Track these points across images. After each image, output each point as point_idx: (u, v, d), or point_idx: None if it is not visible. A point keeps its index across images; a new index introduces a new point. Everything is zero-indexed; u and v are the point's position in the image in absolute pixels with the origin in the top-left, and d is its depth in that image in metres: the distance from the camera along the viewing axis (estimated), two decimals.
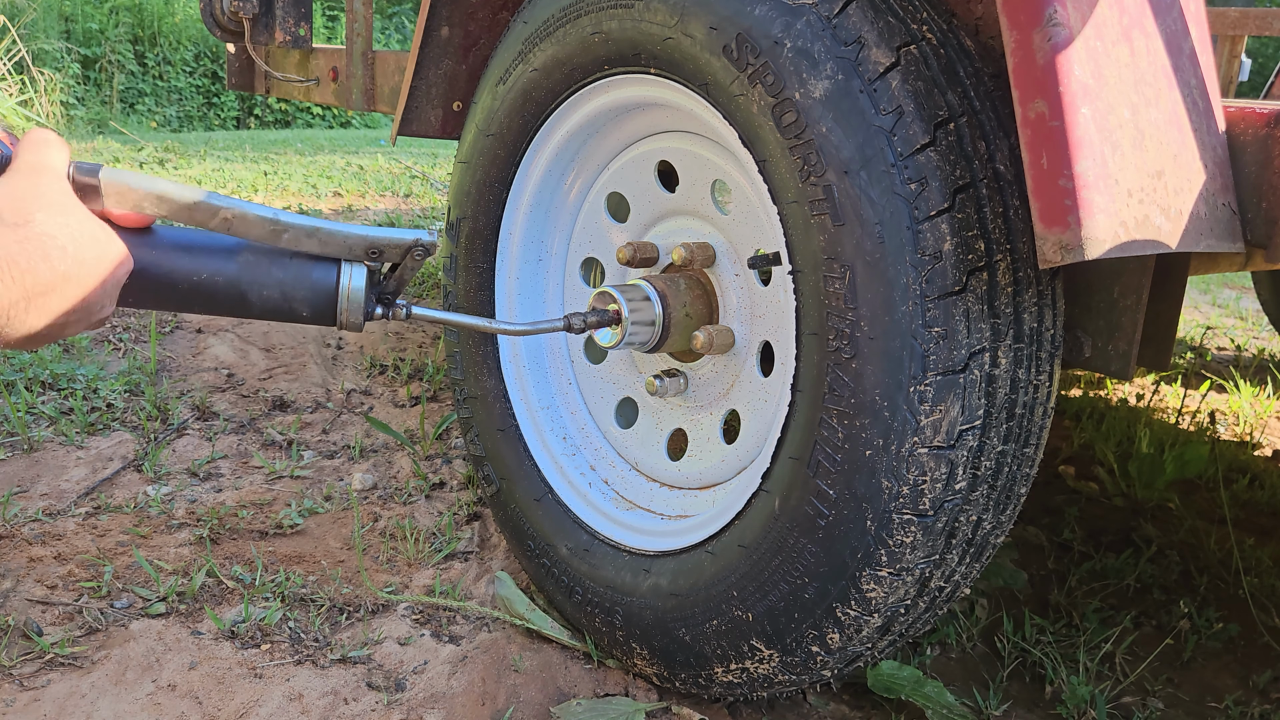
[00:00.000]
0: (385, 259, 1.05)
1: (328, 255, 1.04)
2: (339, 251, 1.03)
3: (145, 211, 0.95)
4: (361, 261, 1.04)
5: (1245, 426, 2.96)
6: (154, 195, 0.95)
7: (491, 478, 1.78)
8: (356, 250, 1.04)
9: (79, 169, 0.91)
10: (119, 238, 0.90)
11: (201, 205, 0.97)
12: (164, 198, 0.95)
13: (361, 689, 1.52)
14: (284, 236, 1.01)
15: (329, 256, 1.04)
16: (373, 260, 1.05)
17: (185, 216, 0.97)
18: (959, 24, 1.24)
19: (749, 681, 1.41)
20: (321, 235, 1.02)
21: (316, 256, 1.03)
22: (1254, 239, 1.10)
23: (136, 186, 0.94)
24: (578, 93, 1.56)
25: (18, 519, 1.87)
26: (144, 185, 0.94)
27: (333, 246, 1.03)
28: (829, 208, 1.18)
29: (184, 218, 0.97)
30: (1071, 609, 1.92)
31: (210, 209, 0.97)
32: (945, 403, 1.16)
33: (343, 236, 1.03)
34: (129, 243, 0.98)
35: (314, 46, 2.83)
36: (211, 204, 0.97)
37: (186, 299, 1.01)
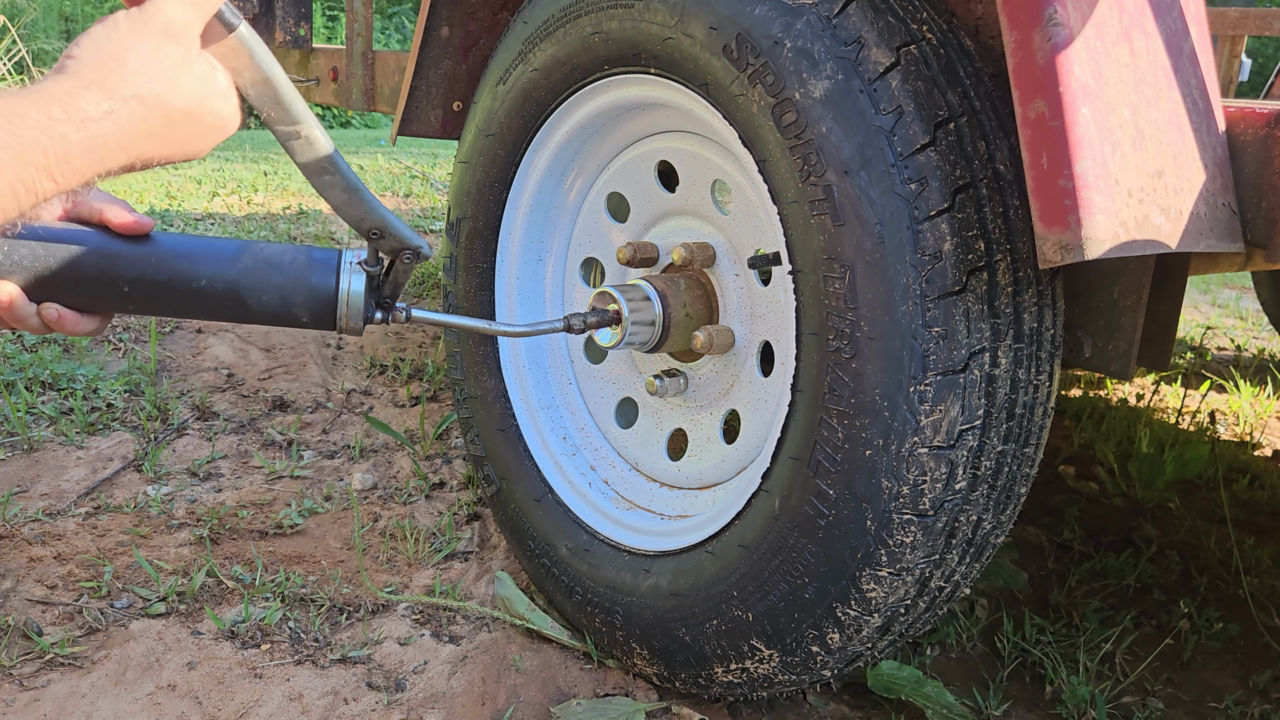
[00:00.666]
0: (381, 247, 1.06)
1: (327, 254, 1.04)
2: (356, 216, 1.04)
3: (241, 81, 0.93)
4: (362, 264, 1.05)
5: (1245, 426, 2.96)
6: (263, 77, 0.94)
7: (491, 478, 1.77)
8: (365, 224, 1.04)
9: (224, 13, 0.89)
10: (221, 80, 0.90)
11: (289, 109, 0.96)
12: (269, 82, 0.94)
13: (361, 689, 1.52)
14: (325, 177, 1.01)
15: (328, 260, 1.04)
16: (373, 239, 1.05)
17: (272, 111, 0.96)
18: (959, 24, 1.24)
19: (749, 681, 1.41)
20: (353, 196, 1.02)
21: (315, 261, 1.04)
22: (1254, 239, 1.10)
23: (258, 60, 0.93)
24: (578, 93, 1.56)
25: (18, 519, 1.87)
26: (265, 64, 0.93)
27: (354, 208, 1.03)
28: (829, 208, 1.18)
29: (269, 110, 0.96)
30: (1071, 609, 1.92)
31: (293, 117, 0.97)
32: (945, 403, 1.16)
33: (367, 207, 1.03)
34: (127, 252, 0.98)
35: (314, 46, 2.83)
36: (298, 113, 0.97)
37: (186, 305, 1.01)
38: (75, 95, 0.79)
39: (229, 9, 0.90)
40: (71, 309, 0.96)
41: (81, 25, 9.13)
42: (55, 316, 0.96)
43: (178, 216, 3.97)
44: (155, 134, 0.84)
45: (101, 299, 0.98)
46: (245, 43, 0.91)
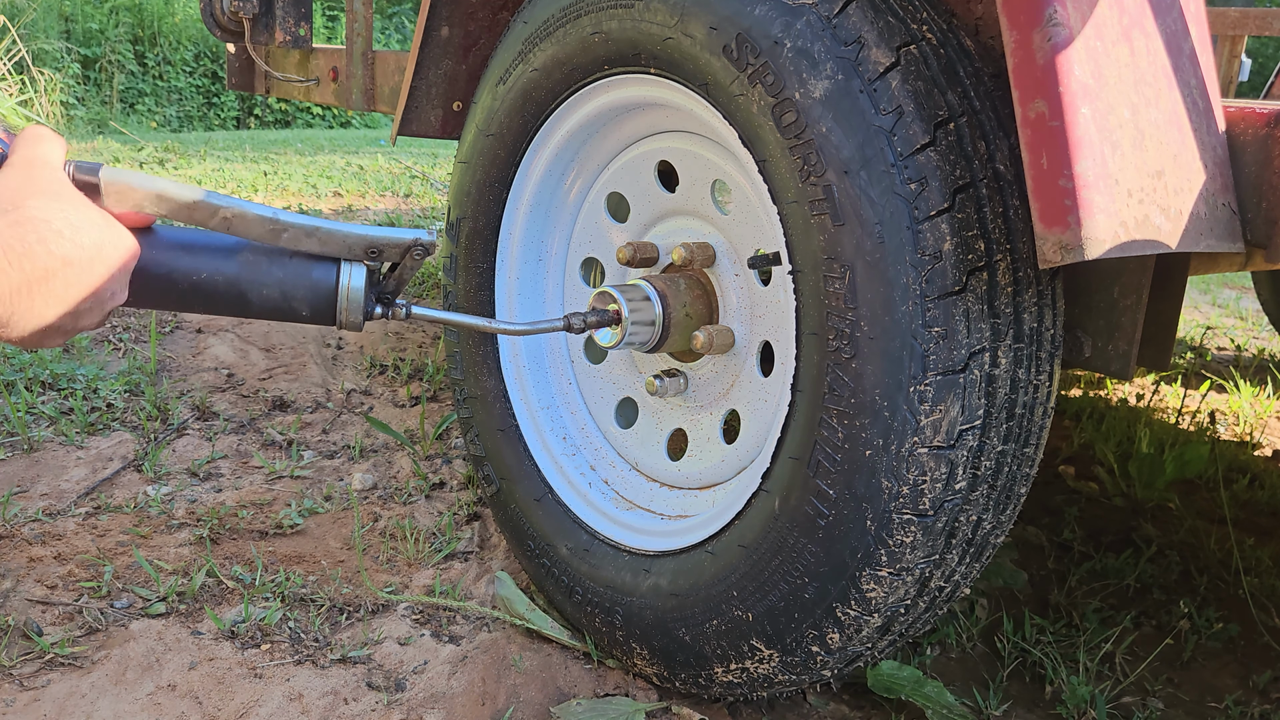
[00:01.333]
0: (385, 258, 1.05)
1: (327, 255, 1.04)
2: (338, 251, 1.03)
3: (145, 211, 0.95)
4: (361, 261, 1.04)
5: (1245, 426, 2.96)
6: (154, 194, 0.95)
7: (491, 478, 1.78)
8: (356, 249, 1.04)
9: (79, 168, 0.91)
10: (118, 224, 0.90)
11: (201, 205, 0.97)
12: (164, 197, 0.95)
13: (361, 689, 1.52)
14: (283, 236, 1.01)
15: (329, 256, 1.04)
16: (372, 259, 1.05)
17: (185, 216, 0.97)
18: (959, 24, 1.24)
19: (749, 681, 1.41)
20: (321, 235, 1.02)
21: (316, 256, 1.03)
22: (1254, 239, 1.10)
23: (137, 186, 0.94)
24: (578, 93, 1.56)
25: (18, 519, 1.87)
26: (144, 184, 0.94)
27: (332, 246, 1.03)
28: (829, 208, 1.18)
29: (184, 217, 0.97)
30: (1071, 609, 1.92)
31: (210, 208, 0.97)
32: (945, 403, 1.16)
33: (342, 236, 1.03)
34: None
35: (314, 46, 2.83)
36: (211, 203, 0.97)
37: (186, 298, 1.01)
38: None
39: (78, 165, 0.92)
40: None
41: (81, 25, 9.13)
42: None
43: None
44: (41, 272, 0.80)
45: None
46: (116, 179, 0.93)
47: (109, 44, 9.19)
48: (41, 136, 0.88)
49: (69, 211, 0.84)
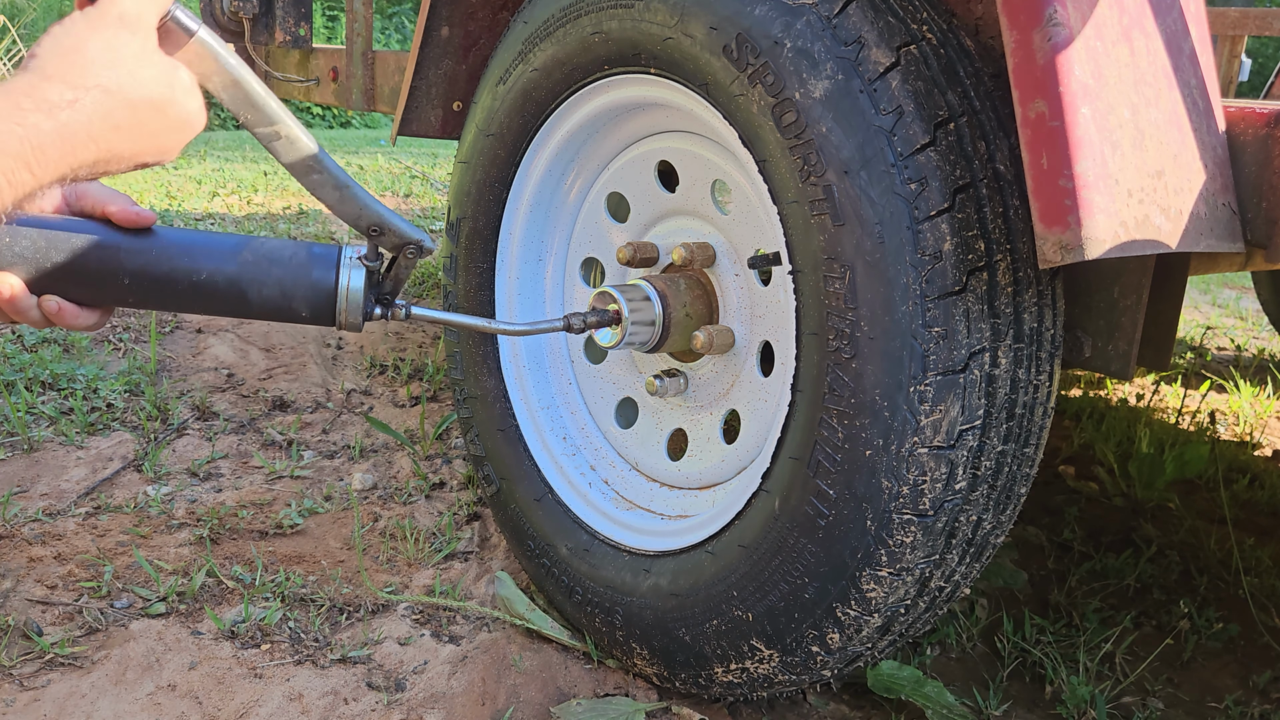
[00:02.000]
0: (383, 243, 1.06)
1: (327, 249, 1.04)
2: (350, 215, 1.04)
3: (212, 86, 0.94)
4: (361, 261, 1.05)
5: (1245, 426, 2.96)
6: (232, 79, 0.94)
7: (491, 478, 1.78)
8: (363, 221, 1.04)
9: (177, 18, 0.90)
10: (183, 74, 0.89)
11: (266, 111, 0.96)
12: (239, 84, 0.94)
13: (361, 689, 1.52)
14: (314, 176, 1.01)
15: (328, 256, 1.04)
16: (373, 236, 1.05)
17: (248, 113, 0.96)
18: (959, 24, 1.24)
19: (749, 681, 1.41)
20: (345, 192, 1.02)
21: (316, 256, 1.03)
22: (1254, 239, 1.10)
23: (223, 62, 0.93)
24: (578, 93, 1.56)
25: (18, 519, 1.87)
26: (230, 65, 0.93)
27: (347, 206, 1.03)
28: (829, 208, 1.18)
29: (245, 112, 0.96)
30: (1071, 609, 1.92)
31: (271, 118, 0.97)
32: (945, 403, 1.16)
33: (360, 203, 1.03)
34: (129, 244, 0.98)
35: (314, 46, 2.83)
36: (276, 114, 0.97)
37: (187, 299, 1.01)
38: (39, 87, 0.80)
39: (184, 13, 0.90)
40: (72, 302, 0.96)
41: None
42: (55, 309, 0.95)
43: (178, 216, 3.98)
44: (121, 125, 0.84)
45: (102, 291, 0.98)
46: (208, 46, 0.92)
47: None
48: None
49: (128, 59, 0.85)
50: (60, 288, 0.95)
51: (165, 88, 0.86)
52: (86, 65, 0.82)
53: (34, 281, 0.94)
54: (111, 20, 0.84)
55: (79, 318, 0.97)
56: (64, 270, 0.95)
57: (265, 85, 0.96)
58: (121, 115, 0.83)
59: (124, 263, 0.97)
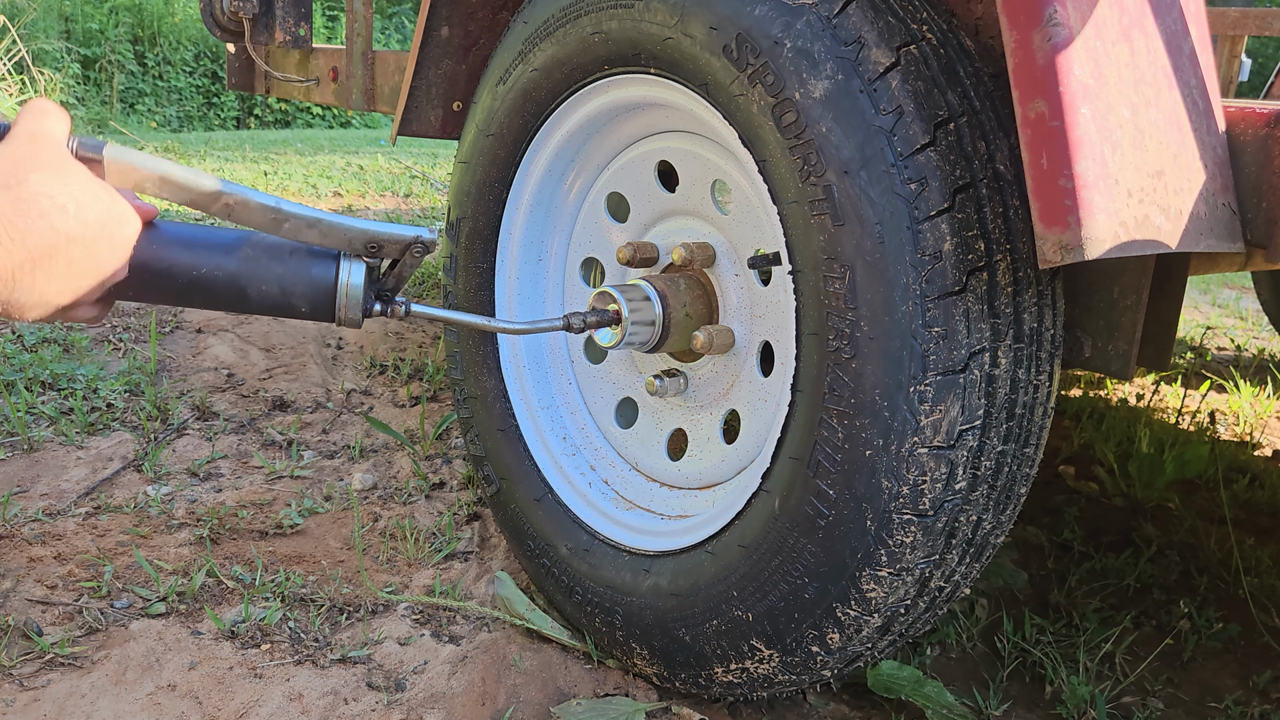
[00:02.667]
0: (385, 254, 1.05)
1: (328, 248, 1.04)
2: (339, 244, 1.03)
3: (147, 192, 0.94)
4: (361, 256, 1.04)
5: (1245, 426, 2.96)
6: (158, 177, 0.94)
7: (491, 478, 1.78)
8: (357, 244, 1.03)
9: (82, 145, 0.90)
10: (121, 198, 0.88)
11: (205, 190, 0.96)
12: (167, 179, 0.95)
13: (361, 689, 1.52)
14: (285, 226, 1.00)
15: (328, 252, 1.03)
16: (372, 254, 1.04)
17: (188, 199, 0.96)
18: (959, 24, 1.24)
19: (749, 681, 1.41)
20: (322, 227, 1.01)
21: (316, 253, 1.03)
22: (1254, 239, 1.10)
23: (140, 166, 0.93)
24: (578, 93, 1.56)
25: (18, 519, 1.87)
26: (147, 165, 0.93)
27: (333, 238, 1.02)
28: (829, 208, 1.18)
29: (186, 201, 0.96)
30: (1071, 609, 1.92)
31: (213, 194, 0.97)
32: (945, 403, 1.16)
33: (343, 229, 1.02)
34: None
35: (314, 46, 2.83)
36: (214, 189, 0.97)
37: (186, 293, 1.00)
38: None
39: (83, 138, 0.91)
40: None
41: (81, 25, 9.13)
42: None
43: (178, 216, 3.97)
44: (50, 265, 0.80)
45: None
46: (119, 158, 0.92)
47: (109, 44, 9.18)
48: (45, 110, 0.86)
49: (73, 187, 0.82)
50: None
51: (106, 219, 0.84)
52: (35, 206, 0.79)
53: None
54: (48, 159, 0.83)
55: (78, 311, 0.97)
56: None
57: (186, 168, 0.96)
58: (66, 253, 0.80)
59: None
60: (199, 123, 9.79)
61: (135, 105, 9.33)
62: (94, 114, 8.57)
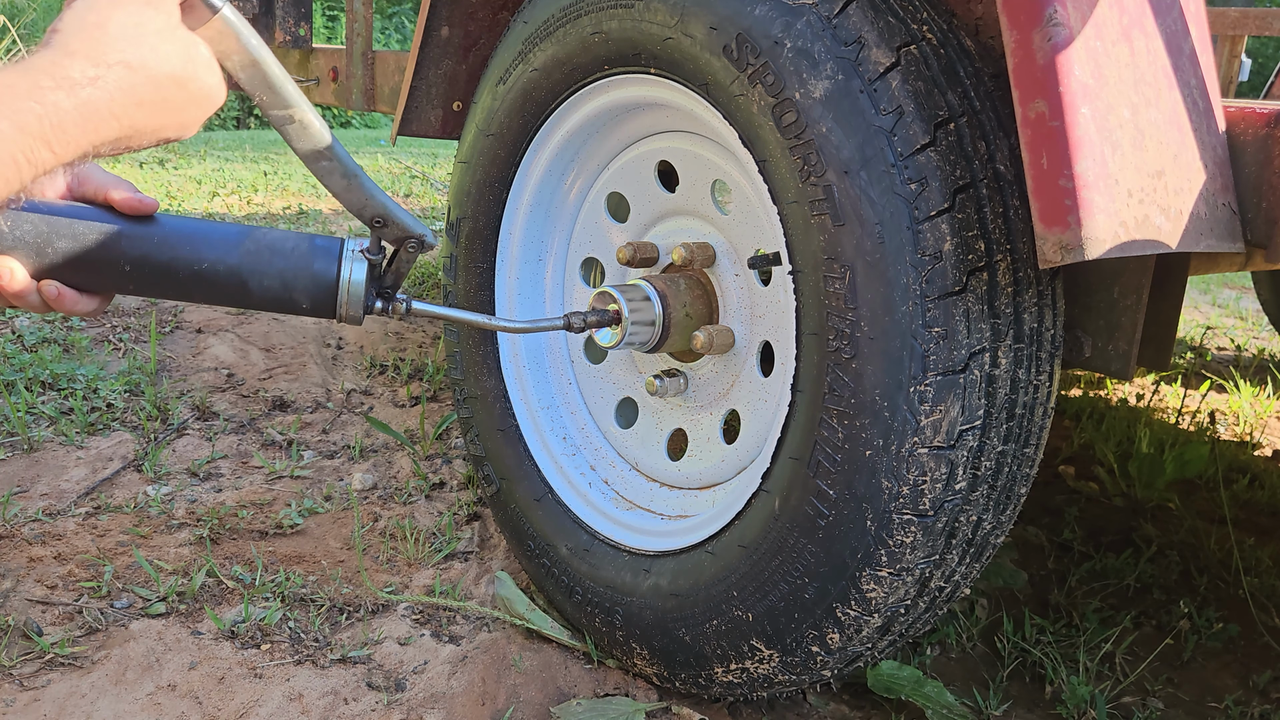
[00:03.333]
0: (385, 235, 1.06)
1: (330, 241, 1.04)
2: (356, 204, 1.04)
3: (231, 68, 0.93)
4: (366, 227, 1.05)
5: (1245, 426, 2.96)
6: (251, 60, 0.93)
7: (491, 478, 1.78)
8: (368, 211, 1.04)
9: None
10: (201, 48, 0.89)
11: (281, 94, 0.96)
12: (256, 65, 0.94)
13: (361, 689, 1.52)
14: (323, 164, 1.01)
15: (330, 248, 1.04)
16: (376, 227, 1.05)
17: (261, 93, 0.96)
18: (959, 24, 1.24)
19: (749, 681, 1.41)
20: (352, 182, 1.02)
21: (318, 248, 1.03)
22: (1254, 239, 1.10)
23: (245, 41, 0.92)
24: (578, 93, 1.56)
25: (18, 519, 1.87)
26: (252, 45, 0.93)
27: (354, 195, 1.03)
28: (829, 208, 1.18)
29: (261, 92, 0.95)
30: (1071, 609, 1.92)
31: (285, 100, 0.96)
32: (945, 403, 1.16)
33: (368, 193, 1.03)
34: (131, 231, 0.97)
35: (314, 46, 2.83)
36: (289, 98, 0.96)
37: (188, 288, 1.00)
38: (61, 64, 0.79)
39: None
40: (72, 287, 0.95)
41: None
42: (55, 294, 0.95)
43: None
44: (144, 101, 0.84)
45: (102, 278, 0.97)
46: (231, 25, 0.91)
47: None
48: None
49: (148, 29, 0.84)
50: (60, 273, 0.94)
51: (187, 63, 0.86)
52: (110, 41, 0.82)
53: (34, 267, 0.93)
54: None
55: (78, 303, 0.96)
56: (65, 256, 0.94)
57: (284, 69, 0.96)
58: (144, 91, 0.83)
59: (125, 250, 0.96)
60: None
61: None
62: None
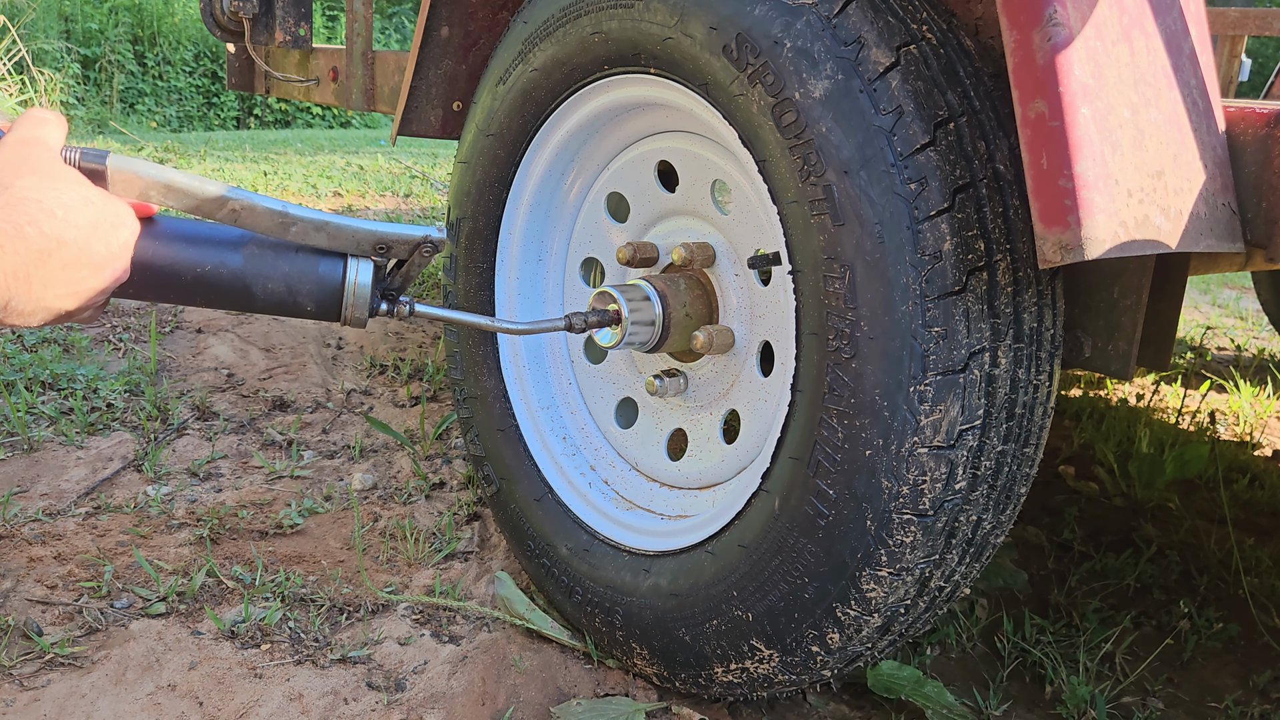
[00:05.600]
0: (393, 255, 1.05)
1: (335, 250, 1.03)
2: (347, 246, 1.02)
3: (151, 201, 0.93)
4: (369, 257, 1.04)
5: (1245, 426, 2.96)
6: (162, 185, 0.93)
7: (491, 478, 1.78)
8: (365, 245, 1.03)
9: (85, 155, 0.90)
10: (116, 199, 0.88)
11: (210, 196, 0.96)
12: (172, 187, 0.94)
13: (361, 689, 1.52)
14: (292, 229, 1.00)
15: (336, 251, 1.03)
16: (380, 255, 1.04)
17: (193, 207, 0.96)
18: (959, 24, 1.24)
19: (749, 681, 1.41)
20: (330, 229, 1.01)
21: (323, 251, 1.02)
22: (1254, 239, 1.10)
23: (144, 175, 0.93)
24: (578, 93, 1.56)
25: (18, 519, 1.87)
26: (152, 174, 0.93)
27: (341, 240, 1.02)
28: (829, 208, 1.18)
29: (191, 208, 0.96)
30: (1071, 609, 1.92)
31: (219, 200, 0.96)
32: (945, 403, 1.16)
33: (351, 231, 1.02)
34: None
35: (314, 46, 2.83)
36: (220, 195, 0.96)
37: (190, 291, 0.99)
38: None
39: (85, 149, 0.90)
40: None
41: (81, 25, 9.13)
42: None
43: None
44: (26, 271, 0.78)
45: None
46: (122, 168, 0.92)
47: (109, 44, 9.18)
48: (42, 119, 0.87)
49: (61, 190, 0.81)
50: None
51: (90, 230, 0.83)
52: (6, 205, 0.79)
53: None
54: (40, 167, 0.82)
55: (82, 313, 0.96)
56: None
57: (190, 175, 0.96)
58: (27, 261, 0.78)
59: None
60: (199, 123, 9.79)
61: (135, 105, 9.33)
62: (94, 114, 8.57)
